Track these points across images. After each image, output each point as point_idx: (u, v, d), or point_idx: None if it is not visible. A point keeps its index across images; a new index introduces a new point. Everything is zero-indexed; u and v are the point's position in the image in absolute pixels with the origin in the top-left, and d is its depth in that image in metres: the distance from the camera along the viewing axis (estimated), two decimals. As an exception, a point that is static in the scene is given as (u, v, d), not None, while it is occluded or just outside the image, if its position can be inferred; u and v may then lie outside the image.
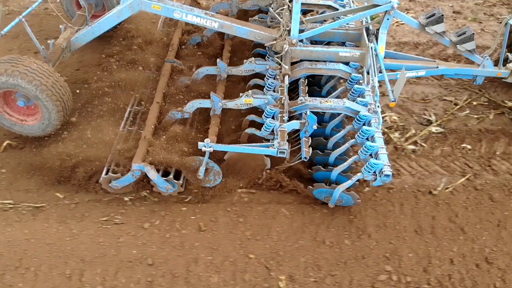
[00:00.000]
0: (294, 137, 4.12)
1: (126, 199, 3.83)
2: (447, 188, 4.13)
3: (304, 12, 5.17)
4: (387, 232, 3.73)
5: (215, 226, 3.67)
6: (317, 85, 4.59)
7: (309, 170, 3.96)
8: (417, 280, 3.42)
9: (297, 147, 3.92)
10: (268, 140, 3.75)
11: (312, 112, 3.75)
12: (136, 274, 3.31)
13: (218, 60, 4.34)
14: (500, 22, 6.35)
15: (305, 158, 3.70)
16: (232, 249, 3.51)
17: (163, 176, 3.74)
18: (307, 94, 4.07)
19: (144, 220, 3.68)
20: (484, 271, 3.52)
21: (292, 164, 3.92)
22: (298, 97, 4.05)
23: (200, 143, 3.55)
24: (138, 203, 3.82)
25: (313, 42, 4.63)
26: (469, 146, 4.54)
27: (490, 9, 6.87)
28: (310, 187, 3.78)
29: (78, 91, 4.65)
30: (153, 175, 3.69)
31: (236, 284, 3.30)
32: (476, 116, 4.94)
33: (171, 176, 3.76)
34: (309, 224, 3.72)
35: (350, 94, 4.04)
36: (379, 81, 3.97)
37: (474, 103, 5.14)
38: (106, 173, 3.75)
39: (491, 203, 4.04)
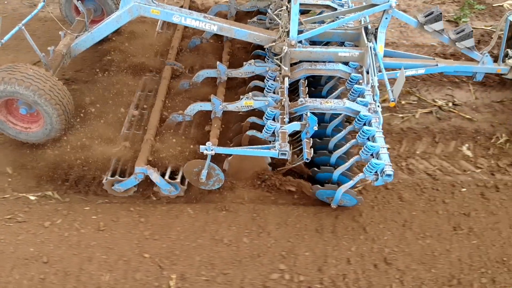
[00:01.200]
0: (295, 138, 4.14)
1: (32, 198, 3.84)
2: (357, 187, 4.01)
3: (302, 12, 5.17)
4: (287, 231, 3.68)
5: (114, 226, 3.67)
6: (317, 85, 4.60)
7: (315, 169, 3.96)
8: (310, 279, 3.38)
9: (298, 148, 3.95)
10: (269, 142, 3.77)
11: (312, 113, 3.76)
12: (30, 271, 3.34)
13: (218, 63, 4.36)
14: (447, 20, 6.34)
15: (307, 159, 3.71)
16: (128, 249, 3.51)
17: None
18: (307, 95, 4.08)
19: (46, 219, 3.69)
20: (381, 271, 3.46)
21: (294, 165, 3.93)
22: (299, 98, 4.07)
23: (201, 147, 3.56)
24: (44, 202, 3.83)
25: (312, 42, 4.65)
26: (388, 146, 4.46)
27: (439, 7, 6.84)
28: (319, 186, 3.78)
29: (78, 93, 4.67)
30: (155, 178, 3.72)
31: (127, 283, 3.30)
32: (401, 115, 4.91)
33: (178, 179, 3.79)
34: (212, 223, 3.71)
35: (350, 94, 4.06)
36: (378, 80, 3.98)
37: (403, 102, 5.10)
38: (112, 176, 3.77)
39: (400, 202, 4.00)
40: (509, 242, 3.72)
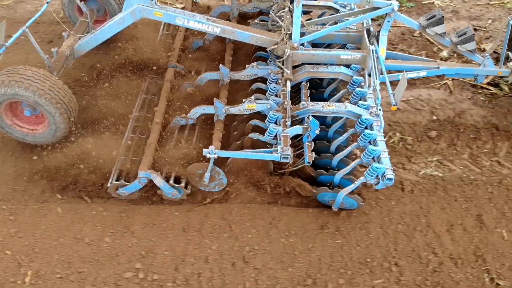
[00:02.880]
0: (298, 140, 4.16)
1: None
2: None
3: (304, 13, 5.18)
4: (152, 230, 3.70)
5: None
6: (318, 87, 4.62)
7: (323, 171, 3.98)
8: (164, 278, 3.40)
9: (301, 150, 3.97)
10: (271, 145, 3.80)
11: (314, 116, 3.79)
12: None
13: (220, 65, 4.37)
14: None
15: (308, 162, 3.74)
16: None
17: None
18: (309, 98, 4.10)
19: None
20: (238, 270, 3.46)
21: (295, 168, 3.96)
22: (300, 100, 4.10)
23: (204, 150, 3.60)
24: None
25: (313, 44, 4.66)
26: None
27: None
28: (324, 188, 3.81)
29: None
30: (159, 182, 3.75)
31: None
32: None
33: (183, 183, 3.84)
34: (78, 223, 3.74)
35: (351, 97, 4.08)
36: (380, 83, 4.00)
37: None
38: (117, 180, 3.81)
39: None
40: (376, 243, 3.70)
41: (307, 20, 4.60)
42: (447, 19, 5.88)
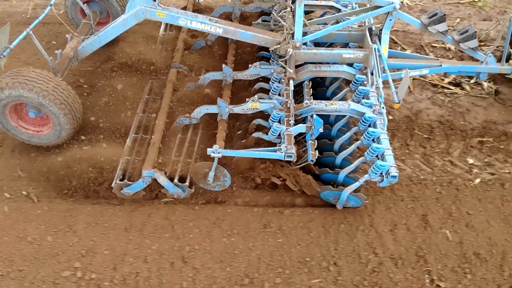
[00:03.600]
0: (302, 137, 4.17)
1: None
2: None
3: (306, 13, 5.20)
4: (94, 230, 3.70)
5: None
6: (319, 86, 4.64)
7: (327, 169, 3.98)
8: (102, 277, 3.40)
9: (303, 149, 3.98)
10: (275, 144, 3.81)
11: (318, 114, 3.80)
12: None
13: (223, 65, 4.39)
14: None
15: (312, 161, 3.76)
16: None
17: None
18: (311, 97, 4.12)
19: None
20: (176, 270, 3.45)
21: (298, 166, 3.97)
22: (303, 99, 4.11)
23: (208, 149, 3.61)
24: None
25: (315, 43, 4.67)
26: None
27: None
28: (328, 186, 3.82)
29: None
30: (163, 181, 3.77)
31: None
32: None
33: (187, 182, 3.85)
34: (22, 221, 3.75)
35: (354, 95, 4.09)
36: (383, 81, 4.01)
37: None
38: (121, 180, 3.82)
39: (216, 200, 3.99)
40: (317, 242, 3.67)
41: (308, 20, 4.61)
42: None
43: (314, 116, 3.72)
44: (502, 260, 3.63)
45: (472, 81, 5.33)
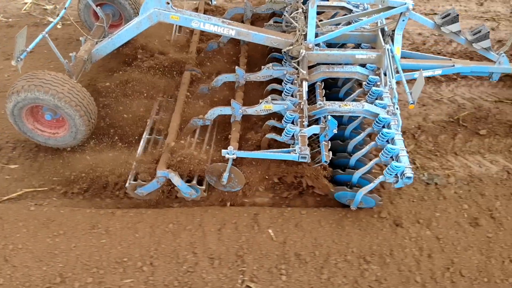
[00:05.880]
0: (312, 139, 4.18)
1: None
2: None
3: (317, 13, 5.19)
4: None
5: None
6: (332, 87, 4.64)
7: (339, 171, 3.98)
8: None
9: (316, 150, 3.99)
10: (288, 145, 3.82)
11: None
12: None
13: (236, 67, 4.41)
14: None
15: (326, 162, 3.76)
16: None
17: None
18: (324, 98, 4.12)
19: None
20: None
21: (313, 167, 3.98)
22: (315, 100, 4.12)
23: (223, 151, 3.63)
24: None
25: (327, 44, 4.68)
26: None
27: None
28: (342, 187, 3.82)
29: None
30: (177, 181, 3.79)
31: None
32: None
33: (194, 182, 3.87)
34: None
35: (368, 96, 4.09)
36: (396, 82, 4.01)
37: None
38: (134, 180, 3.85)
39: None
40: (139, 242, 3.64)
41: (320, 21, 4.62)
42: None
43: (329, 117, 3.73)
44: (324, 262, 3.55)
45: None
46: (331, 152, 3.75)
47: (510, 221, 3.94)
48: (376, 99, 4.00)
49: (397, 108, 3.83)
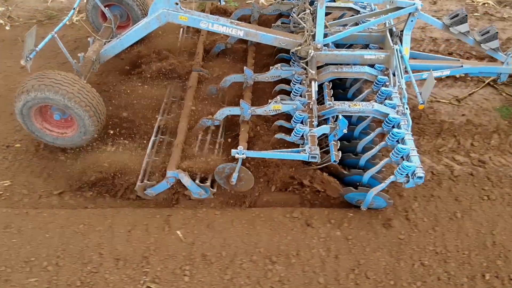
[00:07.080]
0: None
1: None
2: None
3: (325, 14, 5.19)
4: None
5: None
6: (340, 87, 4.64)
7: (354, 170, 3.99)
8: None
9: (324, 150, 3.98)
10: (298, 145, 3.81)
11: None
12: None
13: (245, 68, 4.41)
14: None
15: (335, 161, 3.75)
16: None
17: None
18: (332, 98, 4.12)
19: None
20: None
21: (320, 166, 3.97)
22: (322, 100, 4.11)
23: (233, 150, 3.62)
24: None
25: (335, 45, 4.67)
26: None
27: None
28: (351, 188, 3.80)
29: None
30: (186, 181, 3.78)
31: None
32: None
33: (208, 183, 3.87)
34: None
35: (377, 96, 4.09)
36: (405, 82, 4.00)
37: None
38: (142, 181, 3.85)
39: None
40: (49, 243, 3.62)
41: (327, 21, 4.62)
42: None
43: (340, 116, 3.72)
44: (230, 262, 3.54)
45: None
46: (340, 152, 3.74)
47: (425, 223, 3.87)
48: (385, 99, 3.99)
49: (406, 108, 3.82)
